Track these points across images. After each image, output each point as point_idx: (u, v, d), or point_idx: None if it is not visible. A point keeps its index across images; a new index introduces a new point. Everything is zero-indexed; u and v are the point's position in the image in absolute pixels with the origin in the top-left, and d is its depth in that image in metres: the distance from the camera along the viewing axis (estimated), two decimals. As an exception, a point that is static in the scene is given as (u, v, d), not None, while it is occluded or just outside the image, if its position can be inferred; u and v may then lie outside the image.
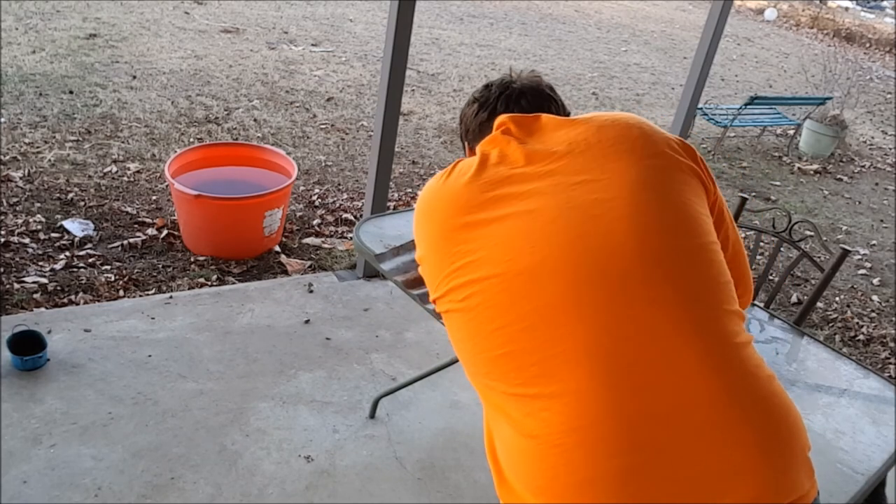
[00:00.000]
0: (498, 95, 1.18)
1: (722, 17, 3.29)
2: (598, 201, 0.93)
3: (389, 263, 1.82)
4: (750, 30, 14.73)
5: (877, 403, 1.72)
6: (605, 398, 0.83)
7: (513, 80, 1.20)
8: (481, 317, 0.92)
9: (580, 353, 0.85)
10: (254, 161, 3.59)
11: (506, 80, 1.21)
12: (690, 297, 0.88)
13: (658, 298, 0.87)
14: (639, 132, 1.01)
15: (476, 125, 1.20)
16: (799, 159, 6.74)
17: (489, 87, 1.21)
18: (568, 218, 0.92)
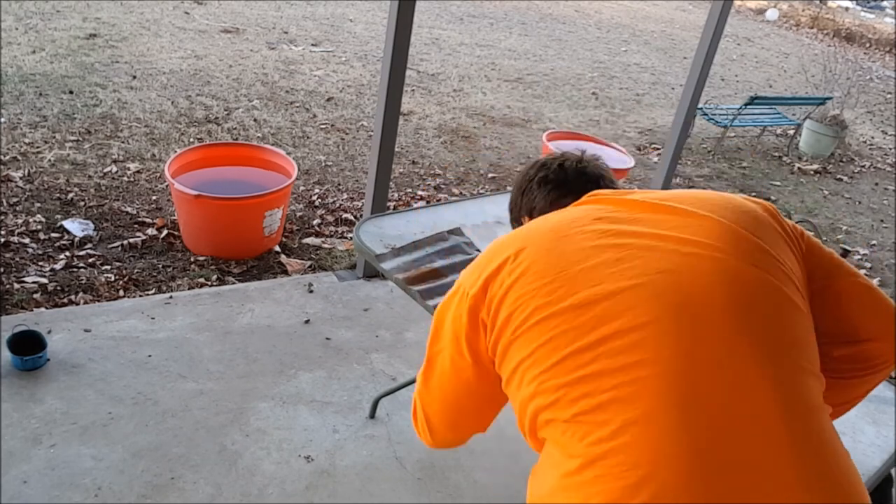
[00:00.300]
0: (574, 179, 1.20)
1: (722, 17, 3.29)
2: (690, 242, 0.92)
3: (390, 263, 1.82)
4: (750, 30, 14.74)
5: (877, 403, 1.72)
6: (677, 437, 0.78)
7: (585, 165, 1.22)
8: (558, 340, 0.87)
9: (657, 387, 0.81)
10: (254, 161, 3.59)
11: (580, 165, 1.23)
12: (777, 348, 0.85)
13: (741, 346, 0.84)
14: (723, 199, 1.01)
15: (547, 204, 1.21)
16: (799, 159, 6.74)
17: (564, 168, 1.23)
18: (656, 259, 0.90)
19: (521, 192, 1.27)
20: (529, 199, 1.24)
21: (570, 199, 1.15)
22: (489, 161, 5.20)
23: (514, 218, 1.31)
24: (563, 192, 1.20)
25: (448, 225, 2.06)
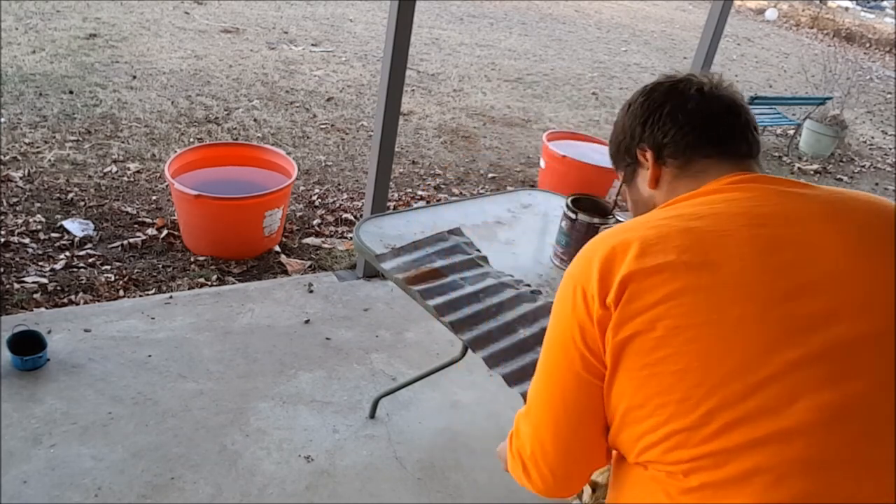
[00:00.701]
0: (720, 118, 0.96)
1: (722, 17, 3.29)
2: (874, 305, 0.78)
3: (390, 263, 1.81)
4: (750, 30, 14.73)
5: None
6: (806, 486, 0.72)
7: (731, 100, 0.99)
8: (710, 358, 0.76)
9: (790, 429, 0.73)
10: (254, 161, 3.59)
11: (721, 94, 0.99)
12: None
13: (888, 400, 0.74)
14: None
15: (684, 144, 0.97)
16: (799, 159, 6.74)
17: (703, 92, 0.98)
18: (816, 285, 0.78)
19: (643, 120, 1.00)
20: (658, 130, 0.98)
21: (713, 149, 0.96)
22: (489, 161, 5.20)
23: (624, 149, 1.04)
24: (704, 137, 0.96)
25: (448, 225, 2.06)
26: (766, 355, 0.75)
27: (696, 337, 0.76)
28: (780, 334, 0.75)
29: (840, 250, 0.81)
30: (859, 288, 0.79)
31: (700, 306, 0.77)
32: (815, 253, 0.80)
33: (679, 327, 0.77)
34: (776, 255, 0.80)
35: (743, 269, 0.79)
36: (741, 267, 0.79)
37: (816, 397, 0.73)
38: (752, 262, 0.79)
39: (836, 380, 0.74)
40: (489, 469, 2.18)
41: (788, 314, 0.76)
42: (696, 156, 0.96)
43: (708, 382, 0.75)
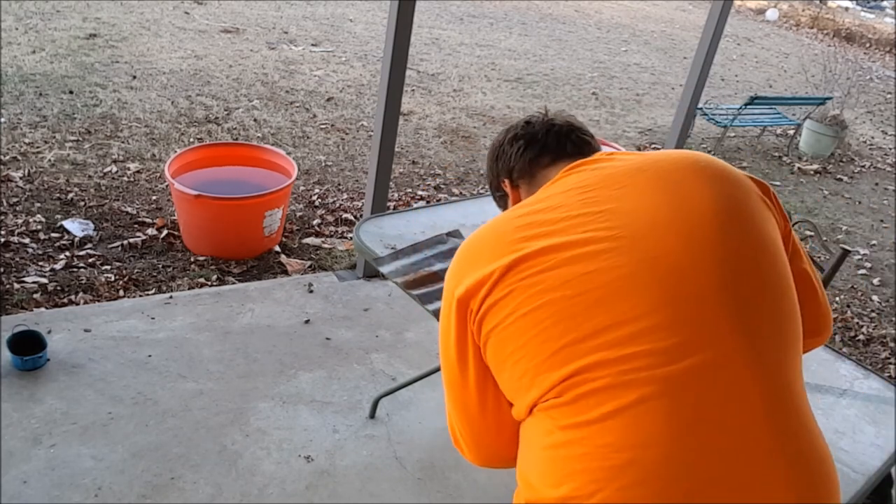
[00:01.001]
0: (546, 132, 1.18)
1: (722, 17, 3.29)
2: (683, 221, 0.91)
3: (389, 266, 1.82)
4: (750, 30, 14.73)
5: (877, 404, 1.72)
6: (665, 423, 0.81)
7: (552, 119, 1.20)
8: (549, 331, 0.88)
9: (653, 374, 0.83)
10: (254, 161, 3.59)
11: (546, 119, 1.20)
12: (767, 340, 0.87)
13: (735, 335, 0.85)
14: (711, 162, 1.00)
15: (524, 162, 1.18)
16: (799, 159, 6.74)
17: (530, 123, 1.20)
18: (651, 237, 0.90)
19: (494, 158, 1.24)
20: (505, 161, 1.21)
21: (547, 157, 1.16)
22: (489, 161, 5.19)
23: (493, 187, 1.28)
24: (538, 149, 1.17)
25: (448, 225, 2.06)
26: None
27: (548, 303, 0.89)
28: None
29: (649, 197, 0.95)
30: (656, 217, 0.92)
31: (545, 278, 0.90)
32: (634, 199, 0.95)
33: (530, 301, 0.90)
34: (598, 205, 0.95)
35: (573, 226, 0.93)
36: (571, 224, 0.94)
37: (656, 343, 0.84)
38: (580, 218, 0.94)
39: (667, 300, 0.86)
40: (489, 469, 2.17)
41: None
42: (536, 168, 1.17)
43: (565, 338, 0.87)
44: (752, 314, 0.87)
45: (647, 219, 0.91)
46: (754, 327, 0.87)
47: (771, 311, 0.89)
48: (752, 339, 0.86)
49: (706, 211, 0.92)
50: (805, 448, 0.85)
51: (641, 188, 0.95)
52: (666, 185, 0.95)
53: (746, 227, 0.93)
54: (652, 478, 0.80)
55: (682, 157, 1.00)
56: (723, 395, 0.83)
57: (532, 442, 0.91)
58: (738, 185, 0.98)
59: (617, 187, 0.96)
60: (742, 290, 0.88)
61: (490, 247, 0.97)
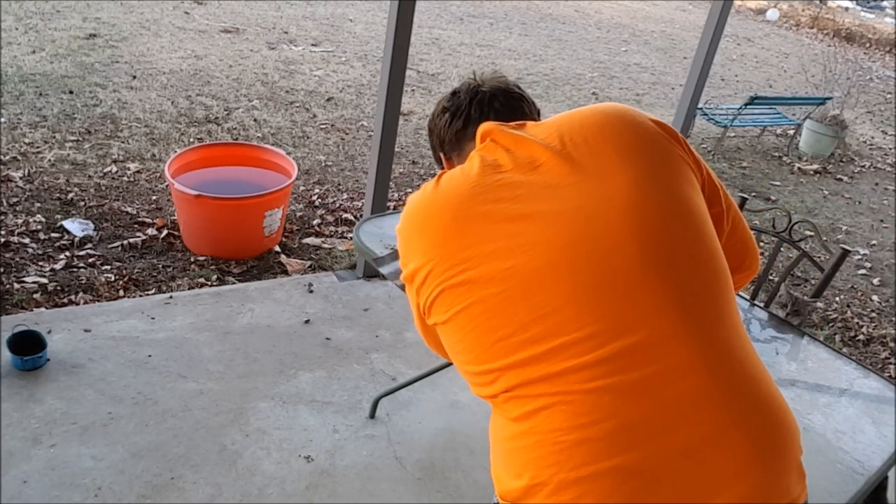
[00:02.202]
0: (469, 101, 1.16)
1: (722, 17, 3.29)
2: (595, 200, 0.91)
3: (388, 267, 1.81)
4: (750, 30, 14.73)
5: (877, 403, 1.72)
6: (604, 400, 0.84)
7: (480, 84, 1.17)
8: (481, 327, 0.91)
9: (585, 359, 0.85)
10: (254, 161, 3.59)
11: (473, 85, 1.18)
12: (691, 297, 0.88)
13: (659, 299, 0.87)
14: (622, 124, 0.99)
15: (452, 134, 1.18)
16: (799, 159, 6.74)
17: (457, 93, 1.18)
18: (564, 221, 0.91)
19: (429, 130, 1.24)
20: (438, 134, 1.21)
21: (472, 127, 1.14)
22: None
23: (437, 160, 1.29)
24: (463, 121, 1.16)
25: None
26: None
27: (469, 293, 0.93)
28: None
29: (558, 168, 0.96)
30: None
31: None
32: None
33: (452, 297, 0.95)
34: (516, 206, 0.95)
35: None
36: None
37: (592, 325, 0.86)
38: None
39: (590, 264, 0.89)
40: (489, 469, 2.17)
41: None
42: (464, 140, 1.16)
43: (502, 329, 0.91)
44: (678, 282, 0.88)
45: (561, 205, 0.92)
46: (684, 294, 0.88)
47: (698, 275, 0.90)
48: (682, 307, 0.87)
49: (622, 188, 0.92)
50: (753, 399, 0.87)
51: (555, 172, 0.95)
52: (579, 164, 0.95)
53: (664, 194, 0.93)
54: (603, 453, 0.82)
55: (596, 127, 0.99)
56: (663, 367, 0.84)
57: (495, 438, 0.96)
58: (653, 147, 0.97)
59: (529, 170, 0.97)
60: (664, 259, 0.89)
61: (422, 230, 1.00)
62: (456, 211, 0.96)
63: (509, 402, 0.91)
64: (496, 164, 0.99)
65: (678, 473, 0.82)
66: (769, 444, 0.85)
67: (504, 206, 0.94)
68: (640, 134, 0.98)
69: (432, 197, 1.01)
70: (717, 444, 0.83)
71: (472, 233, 0.94)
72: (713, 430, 0.83)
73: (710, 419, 0.83)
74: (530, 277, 0.89)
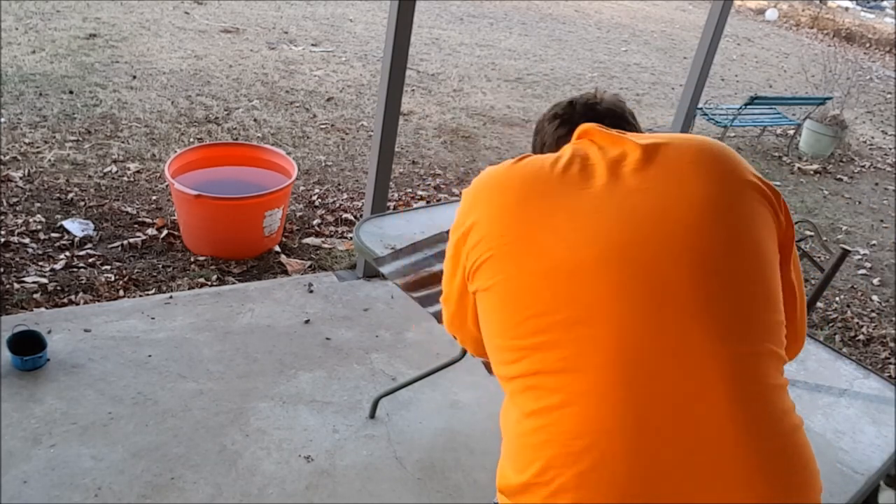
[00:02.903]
0: (582, 114, 1.19)
1: (722, 17, 3.29)
2: (663, 210, 0.91)
3: (389, 267, 1.81)
4: (750, 30, 14.73)
5: (877, 403, 1.72)
6: (623, 409, 0.82)
7: (598, 102, 1.20)
8: (521, 301, 0.92)
9: (608, 358, 0.84)
10: (254, 161, 3.59)
11: (590, 100, 1.20)
12: (734, 329, 0.86)
13: (700, 322, 0.85)
14: (722, 156, 0.99)
15: (554, 139, 1.21)
16: (799, 159, 6.74)
17: (573, 104, 1.21)
18: (628, 223, 0.90)
19: (535, 132, 1.27)
20: (541, 136, 1.24)
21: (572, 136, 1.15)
22: (489, 161, 5.20)
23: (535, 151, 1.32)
24: (568, 129, 1.17)
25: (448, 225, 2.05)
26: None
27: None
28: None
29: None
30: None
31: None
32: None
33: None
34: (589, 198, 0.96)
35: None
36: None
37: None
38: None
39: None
40: (489, 469, 2.18)
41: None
42: (563, 145, 1.13)
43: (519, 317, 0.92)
44: (724, 310, 0.87)
45: (633, 206, 0.92)
46: (728, 324, 0.86)
47: (748, 308, 0.89)
48: (718, 333, 0.85)
49: (695, 204, 0.92)
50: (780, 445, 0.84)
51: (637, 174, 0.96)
52: (662, 172, 0.96)
53: (731, 225, 0.92)
54: (609, 463, 0.81)
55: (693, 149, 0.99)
56: (690, 389, 0.83)
57: (507, 432, 0.94)
58: (735, 182, 0.97)
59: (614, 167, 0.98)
60: (716, 283, 0.88)
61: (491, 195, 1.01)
62: (530, 189, 0.98)
63: (526, 391, 0.89)
64: (585, 157, 1.01)
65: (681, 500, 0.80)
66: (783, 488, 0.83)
67: (575, 198, 0.95)
68: (735, 170, 0.98)
69: (510, 171, 1.03)
70: (730, 478, 0.81)
71: (537, 212, 0.95)
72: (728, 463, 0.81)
73: (728, 456, 0.81)
74: (580, 266, 0.89)
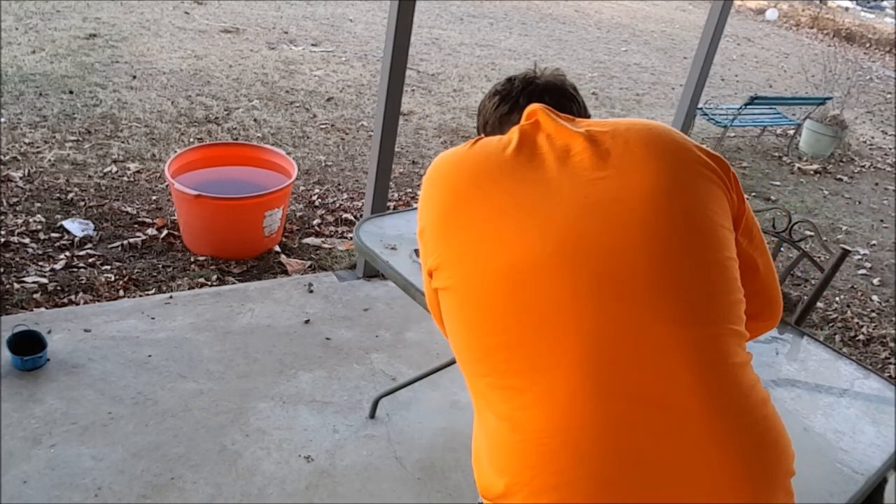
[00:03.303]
0: (521, 89, 1.17)
1: (722, 17, 3.29)
2: (617, 200, 0.91)
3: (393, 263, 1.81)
4: (750, 30, 14.73)
5: (877, 403, 1.72)
6: (593, 403, 0.83)
7: (536, 76, 1.18)
8: (478, 301, 0.91)
9: (574, 353, 0.84)
10: (254, 161, 3.59)
11: (529, 75, 1.19)
12: (693, 313, 0.87)
13: (660, 309, 0.86)
14: (669, 138, 0.99)
15: (496, 118, 1.18)
16: (799, 159, 6.74)
17: (512, 80, 1.19)
18: (582, 214, 0.90)
19: (478, 111, 1.25)
20: (483, 114, 1.22)
21: (516, 115, 1.14)
22: (489, 161, 5.19)
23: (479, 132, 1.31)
24: (510, 107, 1.16)
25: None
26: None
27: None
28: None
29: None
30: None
31: None
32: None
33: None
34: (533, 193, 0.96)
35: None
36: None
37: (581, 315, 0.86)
38: None
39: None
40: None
41: None
42: (506, 126, 1.14)
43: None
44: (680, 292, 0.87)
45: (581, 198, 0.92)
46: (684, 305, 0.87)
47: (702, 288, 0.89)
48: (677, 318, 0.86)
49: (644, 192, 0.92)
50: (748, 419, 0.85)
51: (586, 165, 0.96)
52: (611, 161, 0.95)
53: (684, 209, 0.92)
54: (585, 459, 0.81)
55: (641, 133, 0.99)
56: (651, 375, 0.83)
57: (480, 427, 0.94)
58: (684, 164, 0.97)
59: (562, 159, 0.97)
60: (671, 267, 0.88)
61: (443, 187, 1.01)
62: (482, 176, 0.97)
63: (496, 391, 0.89)
64: (534, 144, 1.00)
65: (661, 487, 0.81)
66: (758, 463, 0.84)
67: (528, 186, 0.94)
68: (683, 151, 0.98)
69: (463, 158, 1.02)
70: (705, 460, 0.81)
71: (489, 204, 0.94)
72: (701, 445, 0.82)
73: (699, 435, 0.82)
74: (535, 262, 0.88)
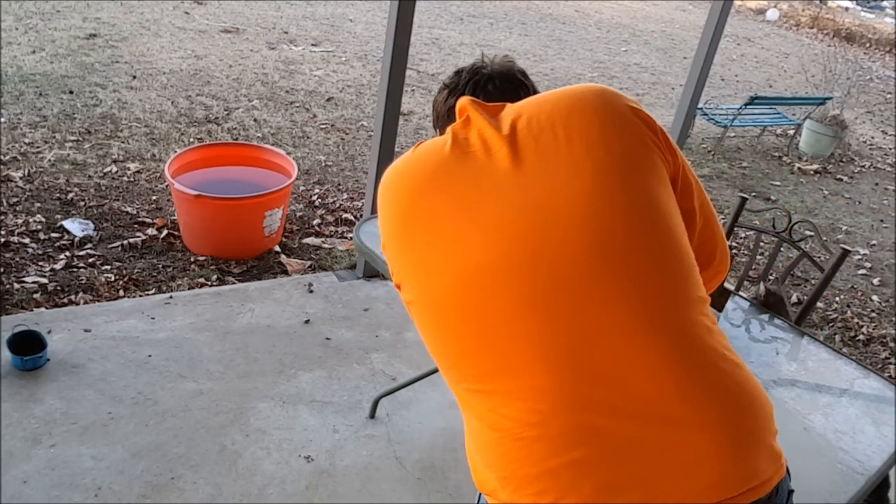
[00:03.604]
0: (468, 81, 1.15)
1: (722, 17, 3.29)
2: (556, 193, 0.90)
3: None
4: (750, 30, 14.73)
5: (877, 403, 1.72)
6: (563, 393, 0.84)
7: (483, 66, 1.16)
8: (438, 312, 0.92)
9: (537, 350, 0.85)
10: (254, 161, 3.59)
11: (476, 66, 1.17)
12: (651, 290, 0.87)
13: (616, 293, 0.86)
14: (593, 110, 0.96)
15: (445, 111, 1.17)
16: (799, 159, 6.74)
17: (460, 72, 1.18)
18: (523, 213, 0.90)
19: (432, 107, 1.24)
20: (435, 109, 1.21)
21: None
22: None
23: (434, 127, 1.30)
24: (456, 98, 1.14)
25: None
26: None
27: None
28: None
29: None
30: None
31: None
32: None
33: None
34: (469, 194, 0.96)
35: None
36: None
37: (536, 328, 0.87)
38: None
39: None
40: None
41: None
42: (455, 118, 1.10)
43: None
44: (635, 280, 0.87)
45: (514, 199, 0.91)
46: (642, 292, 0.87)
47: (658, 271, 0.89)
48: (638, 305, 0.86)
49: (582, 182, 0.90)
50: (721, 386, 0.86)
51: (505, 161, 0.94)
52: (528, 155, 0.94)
53: (628, 189, 0.91)
54: (563, 447, 0.83)
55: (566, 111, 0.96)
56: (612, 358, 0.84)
57: (466, 427, 0.96)
58: (624, 136, 0.94)
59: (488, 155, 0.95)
60: (617, 257, 0.87)
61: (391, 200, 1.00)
62: (420, 184, 0.97)
63: (471, 395, 0.91)
64: (466, 142, 0.99)
65: (640, 462, 0.82)
66: (736, 427, 0.85)
67: (464, 190, 0.94)
68: (612, 121, 0.95)
69: (406, 166, 1.02)
70: (683, 431, 0.83)
71: (431, 213, 0.95)
72: (678, 418, 0.83)
73: (674, 408, 0.83)
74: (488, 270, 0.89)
